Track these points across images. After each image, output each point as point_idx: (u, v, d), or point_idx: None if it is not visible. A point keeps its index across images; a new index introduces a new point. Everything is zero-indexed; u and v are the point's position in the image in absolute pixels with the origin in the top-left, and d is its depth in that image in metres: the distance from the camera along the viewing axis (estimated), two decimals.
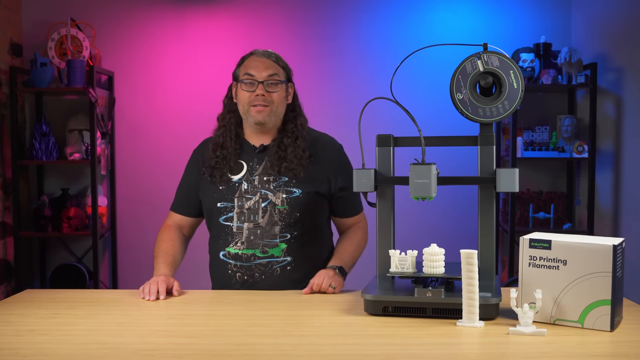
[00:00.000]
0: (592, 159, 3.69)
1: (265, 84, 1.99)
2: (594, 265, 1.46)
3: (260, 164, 2.04)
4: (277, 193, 2.00)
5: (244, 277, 1.99)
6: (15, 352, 1.38)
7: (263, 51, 2.07)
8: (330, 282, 1.90)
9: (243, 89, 2.01)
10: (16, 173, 3.79)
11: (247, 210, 2.00)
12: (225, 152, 2.04)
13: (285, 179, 2.01)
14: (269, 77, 2.00)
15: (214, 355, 1.35)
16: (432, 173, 1.58)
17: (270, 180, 2.02)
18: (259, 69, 2.01)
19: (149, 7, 4.05)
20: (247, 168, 2.04)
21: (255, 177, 2.02)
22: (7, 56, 3.80)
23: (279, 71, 2.03)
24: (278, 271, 1.99)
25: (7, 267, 3.80)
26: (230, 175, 2.03)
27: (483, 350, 1.39)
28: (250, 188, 2.01)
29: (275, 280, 1.99)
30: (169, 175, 3.82)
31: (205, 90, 4.01)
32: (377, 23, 4.04)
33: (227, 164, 2.03)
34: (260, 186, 2.01)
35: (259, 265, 1.99)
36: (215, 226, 2.05)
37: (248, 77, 2.01)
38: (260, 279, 1.99)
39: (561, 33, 4.00)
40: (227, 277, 2.02)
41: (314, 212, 2.05)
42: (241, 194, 2.01)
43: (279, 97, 2.02)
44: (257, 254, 1.98)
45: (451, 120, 2.92)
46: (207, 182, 2.05)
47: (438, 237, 2.02)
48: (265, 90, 1.99)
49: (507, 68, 1.63)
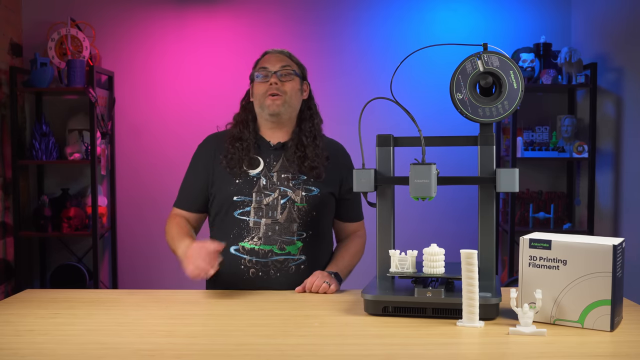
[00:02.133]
0: (592, 159, 3.69)
1: (278, 74, 2.02)
2: (594, 265, 1.46)
3: (278, 160, 2.05)
4: (297, 190, 2.02)
5: (259, 273, 1.99)
6: (15, 352, 1.38)
7: (276, 49, 2.12)
8: (325, 279, 1.91)
9: (258, 82, 2.04)
10: (16, 173, 3.79)
11: (266, 206, 2.00)
12: (245, 144, 2.04)
13: (304, 177, 2.03)
14: (282, 68, 2.03)
15: (214, 355, 1.34)
16: (432, 173, 1.58)
17: (290, 177, 2.03)
18: (272, 62, 2.05)
19: (149, 7, 4.05)
20: (264, 164, 2.05)
21: (274, 174, 2.03)
22: (7, 56, 3.80)
23: (292, 64, 2.07)
24: (293, 269, 2.00)
25: (7, 267, 3.80)
26: (247, 170, 2.04)
27: (483, 350, 1.39)
28: (270, 184, 2.02)
29: (289, 279, 1.99)
30: (169, 175, 3.83)
31: (205, 90, 4.01)
32: (376, 22, 4.04)
33: (246, 157, 2.03)
34: (279, 183, 2.02)
35: (276, 262, 1.99)
36: (226, 220, 2.03)
37: (262, 70, 2.04)
38: (275, 276, 1.99)
39: (561, 33, 4.00)
40: (239, 272, 1.99)
41: (328, 212, 2.08)
42: (260, 190, 2.01)
43: (292, 87, 2.04)
44: (274, 251, 1.99)
45: (451, 120, 2.92)
46: (222, 174, 2.04)
47: (438, 237, 2.02)
48: (279, 80, 2.02)
49: (507, 68, 1.63)
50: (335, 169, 2.09)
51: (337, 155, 2.12)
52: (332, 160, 2.09)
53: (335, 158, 2.11)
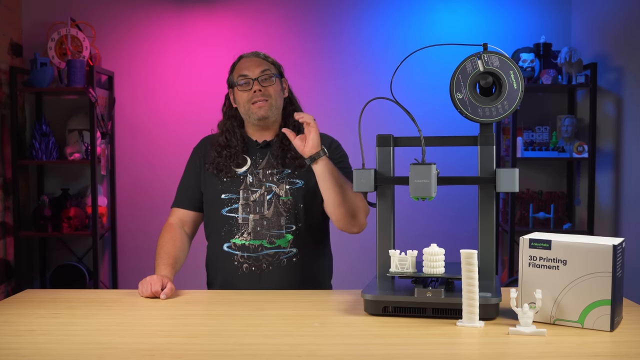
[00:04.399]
0: (592, 159, 3.69)
1: (259, 79, 2.05)
2: (593, 265, 1.46)
3: (264, 158, 2.09)
4: (281, 184, 2.05)
5: (252, 268, 2.01)
6: (15, 352, 1.38)
7: (250, 53, 2.14)
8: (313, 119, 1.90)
9: (240, 90, 2.07)
10: (16, 173, 3.79)
11: (253, 203, 2.04)
12: (233, 151, 2.08)
13: (288, 170, 2.07)
14: (262, 73, 2.06)
15: (214, 355, 1.34)
16: (432, 173, 1.58)
17: (274, 172, 2.06)
18: (251, 68, 2.07)
19: (149, 7, 4.05)
20: (250, 162, 2.08)
21: (260, 171, 2.07)
22: (7, 56, 3.80)
23: (270, 66, 2.09)
24: (285, 262, 2.02)
25: (7, 267, 3.80)
26: (234, 169, 2.07)
27: (483, 350, 1.39)
28: (256, 181, 2.06)
29: (283, 272, 2.01)
30: (169, 175, 3.83)
31: (205, 90, 4.01)
32: (377, 23, 4.04)
33: (233, 161, 2.07)
34: (265, 179, 2.06)
35: (267, 256, 2.01)
36: (217, 219, 2.06)
37: (242, 77, 2.07)
38: (267, 270, 2.01)
39: (561, 33, 4.00)
40: (233, 269, 2.02)
41: (316, 202, 2.07)
42: (246, 187, 2.05)
43: (275, 90, 2.08)
44: (264, 245, 2.01)
45: (451, 120, 2.92)
46: (210, 176, 2.09)
47: (438, 237, 2.02)
48: (262, 86, 2.04)
49: (507, 68, 1.63)
50: None
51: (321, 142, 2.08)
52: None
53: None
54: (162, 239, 2.08)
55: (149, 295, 1.84)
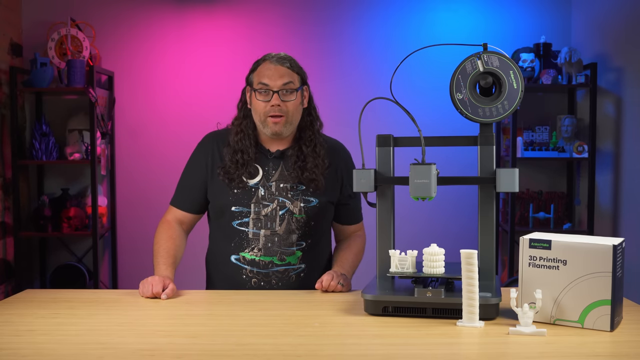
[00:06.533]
0: (592, 159, 3.69)
1: (280, 93, 1.95)
2: (593, 265, 1.46)
3: (276, 169, 2.01)
4: (295, 202, 1.99)
5: (260, 283, 2.00)
6: (15, 352, 1.37)
7: (276, 56, 2.00)
8: (340, 280, 1.91)
9: (258, 99, 1.96)
10: (16, 173, 3.79)
11: (264, 217, 1.98)
12: (246, 157, 1.99)
13: (302, 187, 2.00)
14: (284, 86, 1.95)
15: (214, 355, 1.34)
16: (432, 173, 1.58)
17: (288, 188, 2.00)
18: (273, 78, 1.95)
19: (149, 7, 4.05)
20: (262, 173, 2.01)
21: (272, 184, 2.00)
22: (7, 56, 3.80)
23: (294, 78, 1.98)
24: (293, 278, 2.01)
25: (7, 267, 3.80)
26: (245, 180, 2.00)
27: (483, 350, 1.39)
28: (268, 195, 1.99)
29: (290, 287, 2.01)
30: (169, 175, 3.82)
31: (205, 90, 4.01)
32: (377, 23, 4.04)
33: (246, 170, 1.99)
34: (278, 193, 2.00)
35: (277, 272, 1.99)
36: (227, 229, 2.02)
37: (262, 86, 1.95)
38: (277, 285, 2.00)
39: (561, 33, 4.00)
40: (241, 281, 2.00)
41: (327, 220, 2.08)
42: (258, 200, 1.99)
43: (294, 105, 1.98)
44: (275, 262, 1.99)
45: (451, 120, 2.92)
46: (220, 184, 2.01)
47: (438, 237, 2.03)
48: (281, 100, 1.95)
49: (507, 68, 1.63)
50: (335, 175, 2.06)
51: (337, 160, 2.07)
52: (333, 167, 2.05)
53: (335, 164, 2.06)
54: (160, 236, 2.03)
55: (150, 296, 1.84)
